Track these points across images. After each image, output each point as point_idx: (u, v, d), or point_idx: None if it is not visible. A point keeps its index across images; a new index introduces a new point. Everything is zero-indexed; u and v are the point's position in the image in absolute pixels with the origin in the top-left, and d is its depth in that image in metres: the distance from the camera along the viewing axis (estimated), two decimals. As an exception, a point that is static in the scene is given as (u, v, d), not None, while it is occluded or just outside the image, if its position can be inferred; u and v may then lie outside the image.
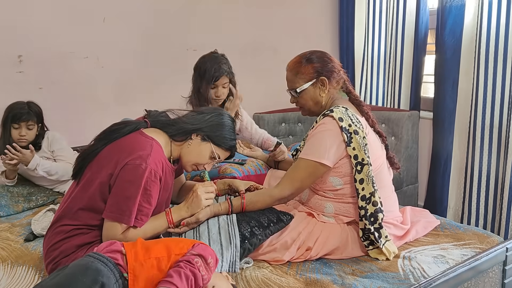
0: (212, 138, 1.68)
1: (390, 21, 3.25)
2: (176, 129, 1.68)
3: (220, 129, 1.69)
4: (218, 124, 1.69)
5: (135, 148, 1.55)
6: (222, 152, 1.71)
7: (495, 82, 2.63)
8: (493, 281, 1.72)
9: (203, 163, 1.70)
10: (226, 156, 1.75)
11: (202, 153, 1.68)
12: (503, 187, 2.64)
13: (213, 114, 1.71)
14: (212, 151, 1.68)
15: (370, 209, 1.69)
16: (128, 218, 1.50)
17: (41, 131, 2.47)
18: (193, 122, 1.69)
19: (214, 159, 1.70)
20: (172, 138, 1.68)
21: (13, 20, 2.58)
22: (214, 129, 1.68)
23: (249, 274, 1.61)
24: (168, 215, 1.63)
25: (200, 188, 1.67)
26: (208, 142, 1.68)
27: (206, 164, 1.71)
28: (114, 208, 1.51)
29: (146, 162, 1.51)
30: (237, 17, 3.26)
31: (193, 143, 1.68)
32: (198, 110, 1.77)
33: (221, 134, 1.69)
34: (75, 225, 1.57)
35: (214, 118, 1.70)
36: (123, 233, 1.52)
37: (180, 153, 1.70)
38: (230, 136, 1.71)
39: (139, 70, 2.98)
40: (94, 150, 1.61)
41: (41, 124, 2.47)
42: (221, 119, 1.71)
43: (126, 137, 1.62)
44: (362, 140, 1.70)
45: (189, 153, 1.68)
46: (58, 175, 2.39)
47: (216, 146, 1.69)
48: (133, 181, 1.50)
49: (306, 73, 1.80)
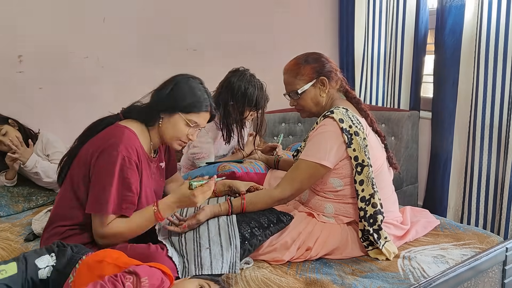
0: (179, 108, 1.64)
1: (390, 21, 3.25)
2: (145, 114, 1.66)
3: (183, 97, 1.64)
4: (180, 94, 1.64)
5: (106, 137, 1.57)
6: (196, 116, 1.66)
7: (495, 82, 2.63)
8: (493, 281, 1.72)
9: (183, 135, 1.66)
10: (206, 118, 1.70)
11: (176, 126, 1.65)
12: (503, 187, 2.64)
13: (171, 86, 1.66)
14: (184, 120, 1.64)
15: (370, 210, 1.69)
16: (105, 207, 1.49)
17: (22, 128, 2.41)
18: (154, 101, 1.66)
19: (194, 127, 1.66)
20: (146, 125, 1.67)
21: (13, 20, 2.58)
22: (177, 100, 1.64)
23: (249, 274, 1.61)
24: (157, 213, 1.56)
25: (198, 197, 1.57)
26: (176, 113, 1.64)
27: (189, 134, 1.67)
28: (92, 200, 1.51)
29: (117, 149, 1.51)
30: (237, 17, 3.26)
31: (163, 121, 1.65)
32: (157, 88, 1.71)
33: (186, 101, 1.64)
34: (68, 226, 1.58)
35: (174, 89, 1.65)
36: (107, 225, 1.51)
37: (159, 136, 1.69)
38: (196, 99, 1.65)
39: (139, 70, 2.97)
40: (72, 150, 1.64)
41: (13, 122, 2.39)
42: (180, 87, 1.66)
43: (103, 131, 1.64)
44: (363, 141, 1.70)
45: (165, 131, 1.66)
46: (55, 176, 2.37)
47: (186, 113, 1.65)
48: (106, 169, 1.50)
49: (306, 74, 1.81)
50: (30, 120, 2.51)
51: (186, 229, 1.64)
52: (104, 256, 1.35)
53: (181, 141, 1.69)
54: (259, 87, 2.31)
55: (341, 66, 3.62)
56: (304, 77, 1.81)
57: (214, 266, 1.53)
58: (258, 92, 2.29)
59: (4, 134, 2.33)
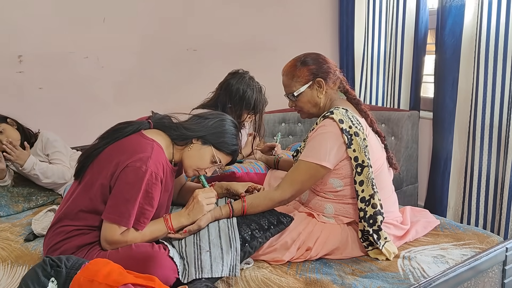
0: (213, 142, 1.67)
1: (390, 21, 3.25)
2: (178, 134, 1.67)
3: (222, 135, 1.68)
4: (220, 131, 1.68)
5: (136, 150, 1.55)
6: (223, 156, 1.70)
7: (495, 81, 2.63)
8: (493, 281, 1.72)
9: (204, 167, 1.68)
10: (228, 160, 1.74)
11: (203, 157, 1.67)
12: (503, 187, 2.64)
13: (216, 120, 1.70)
14: (213, 155, 1.67)
15: (369, 211, 1.69)
16: (127, 220, 1.50)
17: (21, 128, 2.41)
18: (194, 128, 1.67)
19: (215, 163, 1.69)
20: (173, 141, 1.68)
21: (13, 20, 2.58)
22: (215, 135, 1.67)
23: (249, 274, 1.61)
24: (167, 221, 1.61)
25: (200, 194, 1.65)
26: (209, 146, 1.67)
27: (208, 168, 1.69)
28: (113, 210, 1.51)
29: (147, 164, 1.51)
30: (237, 17, 3.26)
31: (193, 147, 1.67)
32: (201, 115, 1.75)
33: (223, 140, 1.68)
34: (75, 226, 1.57)
35: (216, 124, 1.69)
36: (122, 235, 1.52)
37: (181, 157, 1.69)
38: (231, 142, 1.70)
39: (139, 70, 2.97)
40: (96, 149, 1.61)
41: (11, 121, 2.39)
42: (224, 125, 1.70)
43: (127, 138, 1.61)
44: (363, 141, 1.70)
45: (190, 157, 1.67)
46: (54, 177, 2.36)
47: (217, 150, 1.68)
48: (133, 184, 1.50)
49: (302, 76, 1.80)
50: (30, 120, 2.50)
51: (187, 234, 1.63)
52: (96, 273, 1.31)
53: (197, 171, 1.70)
54: (258, 90, 2.29)
55: (341, 66, 3.62)
56: (300, 79, 1.81)
57: (214, 269, 1.53)
58: (256, 95, 2.28)
59: (0, 132, 2.33)
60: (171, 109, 1.93)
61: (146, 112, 1.81)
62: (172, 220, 1.62)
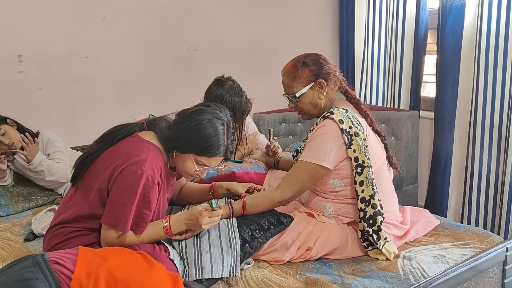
0: (193, 151, 1.57)
1: (390, 21, 3.25)
2: (164, 139, 1.61)
3: (200, 142, 1.55)
4: (197, 137, 1.55)
5: (132, 153, 1.53)
6: (208, 159, 1.59)
7: (495, 81, 2.63)
8: (493, 281, 1.72)
9: (191, 172, 1.62)
10: (219, 161, 1.64)
11: (187, 164, 1.60)
12: (503, 187, 2.64)
13: (192, 125, 1.56)
14: (196, 161, 1.59)
15: (369, 211, 1.69)
16: (123, 225, 1.49)
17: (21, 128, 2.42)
18: (172, 138, 1.59)
19: (204, 166, 1.61)
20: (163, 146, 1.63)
21: (13, 20, 2.58)
22: (193, 144, 1.56)
23: (249, 274, 1.61)
24: (167, 230, 1.58)
25: (206, 218, 1.56)
26: (189, 154, 1.58)
27: (197, 172, 1.62)
28: (110, 214, 1.51)
29: (142, 168, 1.49)
30: (237, 17, 3.26)
31: (176, 154, 1.61)
32: (180, 117, 1.61)
33: (202, 146, 1.56)
34: (75, 227, 1.57)
35: (193, 132, 1.56)
36: (119, 238, 1.52)
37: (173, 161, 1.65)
38: (214, 144, 1.57)
39: (139, 70, 2.97)
40: (92, 153, 1.60)
41: (11, 121, 2.40)
42: (201, 129, 1.56)
43: (123, 141, 1.60)
44: (363, 142, 1.70)
45: (177, 163, 1.63)
46: (58, 175, 2.38)
47: (199, 156, 1.58)
48: (129, 188, 1.49)
49: (304, 77, 1.80)
50: (30, 120, 2.51)
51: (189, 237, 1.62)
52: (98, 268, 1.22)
53: (190, 175, 1.66)
54: (238, 95, 2.24)
55: (341, 66, 3.62)
56: (302, 80, 1.80)
57: (215, 270, 1.53)
58: (235, 100, 2.22)
59: (3, 134, 2.34)
60: (171, 109, 1.93)
61: (146, 112, 1.80)
62: (172, 228, 1.58)
